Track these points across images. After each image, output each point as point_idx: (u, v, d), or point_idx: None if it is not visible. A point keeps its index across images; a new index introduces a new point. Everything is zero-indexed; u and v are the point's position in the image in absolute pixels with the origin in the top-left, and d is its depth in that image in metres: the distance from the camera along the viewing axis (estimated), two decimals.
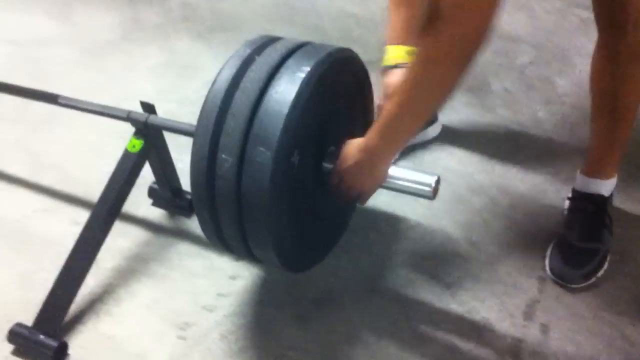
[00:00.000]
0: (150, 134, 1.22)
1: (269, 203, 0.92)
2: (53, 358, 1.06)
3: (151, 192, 1.40)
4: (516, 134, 1.62)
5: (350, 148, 1.05)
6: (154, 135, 1.23)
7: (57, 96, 1.32)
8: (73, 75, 1.86)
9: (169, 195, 1.37)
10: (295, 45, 1.01)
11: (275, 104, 0.92)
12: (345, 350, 1.11)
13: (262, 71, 0.95)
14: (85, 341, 1.12)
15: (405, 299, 1.20)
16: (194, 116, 0.98)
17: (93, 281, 1.20)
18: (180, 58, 1.97)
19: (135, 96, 1.27)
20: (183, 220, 1.38)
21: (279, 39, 1.05)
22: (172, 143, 1.30)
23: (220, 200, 0.96)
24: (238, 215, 0.96)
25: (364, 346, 1.11)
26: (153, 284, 1.23)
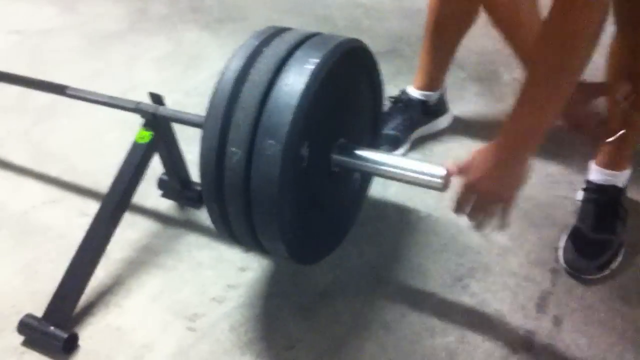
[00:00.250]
0: (159, 125, 1.22)
1: (278, 195, 0.92)
2: (63, 349, 1.07)
3: (161, 184, 1.39)
4: None
5: (480, 155, 0.98)
6: (163, 127, 1.23)
7: (65, 87, 1.32)
8: (79, 65, 1.86)
9: (178, 187, 1.36)
10: (304, 36, 1.00)
11: (285, 95, 0.91)
12: (353, 341, 1.10)
13: (271, 63, 0.94)
14: (94, 332, 1.12)
15: (415, 290, 1.19)
16: (202, 107, 0.97)
17: (102, 272, 1.21)
18: (187, 49, 1.96)
19: (142, 87, 1.27)
20: (192, 211, 1.38)
21: (287, 30, 1.03)
22: (181, 134, 1.30)
23: (230, 192, 0.95)
24: (247, 207, 0.95)
25: (372, 338, 1.10)
26: (162, 275, 1.23)
